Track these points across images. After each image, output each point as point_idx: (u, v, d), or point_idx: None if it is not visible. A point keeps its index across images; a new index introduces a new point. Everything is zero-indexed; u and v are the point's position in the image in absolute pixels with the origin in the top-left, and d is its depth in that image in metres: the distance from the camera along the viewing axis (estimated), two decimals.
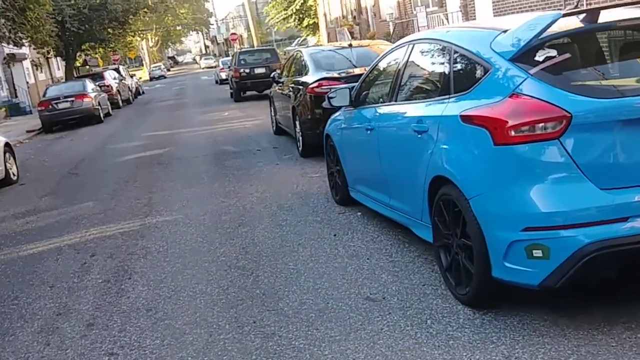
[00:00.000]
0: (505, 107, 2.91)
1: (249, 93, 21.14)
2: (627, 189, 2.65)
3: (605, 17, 3.02)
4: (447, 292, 3.57)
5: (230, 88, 22.36)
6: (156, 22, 67.67)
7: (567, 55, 2.89)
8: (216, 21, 61.01)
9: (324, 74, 8.26)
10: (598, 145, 2.68)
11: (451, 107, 3.39)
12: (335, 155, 5.75)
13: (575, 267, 2.61)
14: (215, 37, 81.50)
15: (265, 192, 6.98)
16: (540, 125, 2.74)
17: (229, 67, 25.07)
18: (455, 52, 3.56)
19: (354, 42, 9.23)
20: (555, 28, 2.92)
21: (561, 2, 11.61)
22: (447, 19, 14.73)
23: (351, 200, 5.63)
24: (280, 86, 10.29)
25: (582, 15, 3.00)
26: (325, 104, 5.62)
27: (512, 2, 13.34)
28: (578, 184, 2.67)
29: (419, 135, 3.70)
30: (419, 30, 15.76)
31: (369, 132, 4.59)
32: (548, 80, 2.81)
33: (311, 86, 8.21)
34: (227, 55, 50.22)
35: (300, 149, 8.92)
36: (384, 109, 4.41)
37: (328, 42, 28.79)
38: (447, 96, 3.52)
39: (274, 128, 11.59)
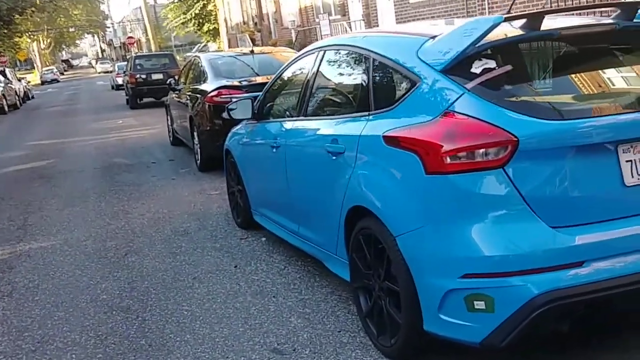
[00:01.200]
0: (438, 128, 2.45)
1: (145, 100, 20.02)
2: (582, 226, 2.26)
3: (551, 24, 2.64)
4: (368, 341, 3.07)
5: (126, 94, 21.08)
6: (47, 22, 63.76)
7: (509, 67, 2.47)
8: (112, 24, 58.20)
9: (224, 82, 7.62)
10: (548, 176, 2.27)
11: (372, 125, 2.91)
12: (236, 173, 5.14)
13: (524, 322, 2.18)
14: (112, 40, 78.03)
15: (159, 212, 6.23)
16: (481, 151, 2.29)
17: (124, 72, 23.69)
18: (375, 60, 3.08)
19: (256, 49, 8.66)
20: (495, 35, 2.50)
21: (463, 11, 11.66)
22: (350, 27, 14.51)
23: (254, 224, 5.05)
24: (178, 94, 9.52)
25: (524, 21, 2.59)
26: (224, 115, 5.01)
27: (415, 12, 13.31)
28: (526, 222, 2.24)
29: (334, 157, 3.19)
30: (322, 38, 15.44)
31: (274, 149, 4.03)
32: (488, 97, 2.37)
33: (210, 95, 7.55)
34: (124, 60, 47.99)
35: (198, 162, 8.21)
36: (292, 125, 3.87)
37: (229, 48, 28.00)
38: (367, 113, 3.04)
39: (171, 138, 10.77)
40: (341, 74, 3.60)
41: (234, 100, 4.66)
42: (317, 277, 4.02)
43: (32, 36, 64.61)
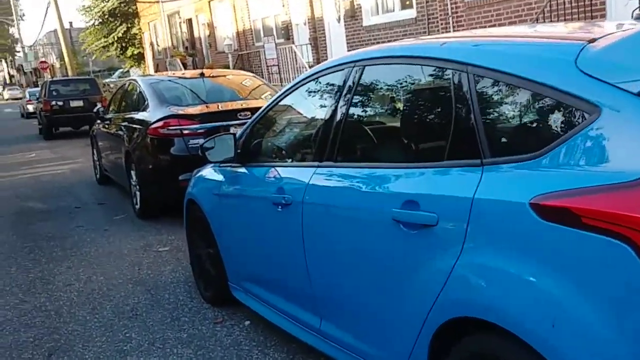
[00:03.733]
0: None
1: (63, 129, 18.05)
2: None
3: None
4: None
5: (39, 123, 19.00)
6: None
7: None
8: (23, 48, 54.58)
9: (172, 110, 6.23)
10: None
11: (494, 183, 1.74)
12: (206, 231, 3.78)
13: None
14: (22, 65, 73.53)
15: (92, 280, 4.74)
16: None
17: (37, 98, 21.51)
18: (480, 78, 1.90)
19: (206, 71, 7.34)
20: None
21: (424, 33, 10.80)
22: (297, 51, 13.43)
23: (230, 299, 3.71)
24: (107, 124, 8.00)
25: None
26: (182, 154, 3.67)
27: (369, 35, 12.39)
28: None
29: (413, 232, 1.96)
30: (266, 63, 14.25)
31: (280, 207, 2.74)
32: None
33: (154, 126, 6.14)
34: (36, 86, 44.75)
35: (137, 207, 6.72)
36: (314, 174, 2.59)
37: (156, 73, 26.25)
38: (476, 161, 1.84)
39: (98, 176, 9.17)
40: (407, 100, 2.37)
41: (210, 137, 3.31)
42: None
43: None
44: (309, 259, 2.52)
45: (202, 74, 7.15)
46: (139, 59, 32.38)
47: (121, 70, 43.90)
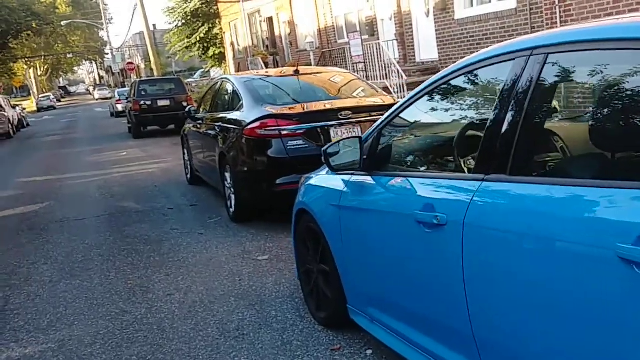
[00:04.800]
0: None
1: (150, 128, 18.41)
2: None
3: None
4: None
5: (129, 122, 19.48)
6: (45, 49, 62.56)
7: None
8: (111, 50, 56.86)
9: (269, 110, 5.94)
10: None
11: None
12: (321, 246, 3.42)
13: None
14: (111, 67, 76.79)
15: (192, 290, 4.50)
16: None
17: (126, 98, 22.14)
18: None
19: (301, 69, 7.01)
20: None
21: (526, 27, 10.07)
22: (384, 46, 12.93)
23: (347, 322, 3.32)
24: (199, 124, 7.85)
25: None
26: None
27: (462, 29, 11.74)
28: None
29: None
30: (351, 60, 13.85)
31: (429, 228, 2.30)
32: None
33: (250, 126, 5.87)
34: (123, 86, 46.45)
35: (231, 210, 6.49)
36: (485, 192, 2.08)
37: (237, 72, 26.47)
38: None
39: (189, 176, 9.07)
40: (620, 96, 1.85)
41: (335, 140, 2.93)
42: None
43: (28, 62, 63.36)
44: (470, 293, 2.08)
45: (296, 72, 6.83)
46: (220, 58, 32.84)
47: (202, 70, 44.87)
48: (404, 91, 11.43)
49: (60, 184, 10.55)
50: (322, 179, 3.47)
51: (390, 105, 6.14)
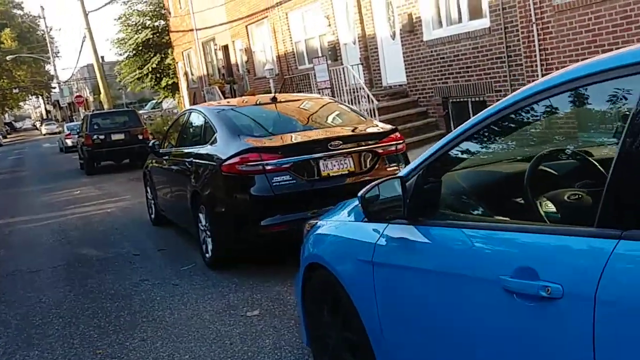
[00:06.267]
0: None
1: (104, 163, 17.46)
2: None
3: None
4: None
5: (80, 158, 18.45)
6: None
7: None
8: (59, 84, 55.15)
9: (249, 142, 5.32)
10: None
11: None
12: (343, 309, 2.79)
13: None
14: (58, 101, 74.65)
15: (176, 359, 3.79)
16: None
17: (77, 133, 21.09)
18: None
19: (279, 96, 6.43)
20: None
21: (501, 47, 9.78)
22: (352, 71, 12.49)
23: None
24: (165, 159, 7.14)
25: None
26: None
27: (431, 51, 11.42)
28: None
29: None
30: (316, 86, 13.38)
31: (531, 303, 1.71)
32: None
33: (229, 162, 5.23)
34: (72, 120, 44.84)
35: (207, 255, 5.80)
36: (625, 255, 1.50)
37: (192, 104, 25.68)
38: None
39: (153, 216, 8.31)
40: None
41: (373, 183, 2.31)
42: None
43: None
44: None
45: (274, 99, 6.25)
46: (174, 89, 32.00)
47: (154, 101, 43.77)
48: (375, 116, 10.97)
49: (10, 229, 9.58)
50: (341, 227, 2.87)
51: (388, 133, 5.62)
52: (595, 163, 2.37)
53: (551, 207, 2.20)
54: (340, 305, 2.82)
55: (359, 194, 2.34)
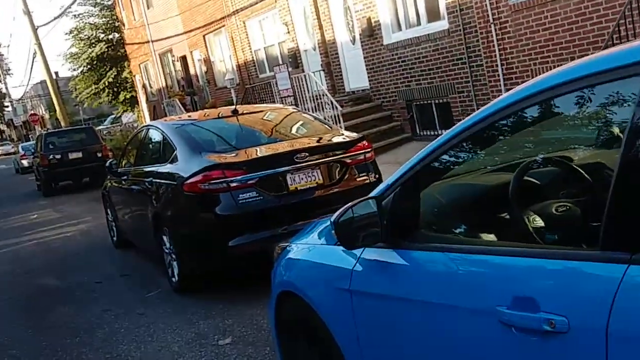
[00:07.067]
0: None
1: (62, 183, 16.89)
2: None
3: None
4: None
5: (37, 179, 17.81)
6: None
7: None
8: (11, 102, 53.56)
9: (211, 159, 5.07)
10: None
11: None
12: (323, 343, 2.57)
13: None
14: (12, 120, 72.69)
15: None
16: None
17: (32, 153, 20.40)
18: None
19: (240, 108, 6.19)
20: None
21: (461, 48, 9.75)
22: (314, 77, 12.32)
23: None
24: (124, 180, 6.82)
25: None
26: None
27: (392, 55, 11.34)
28: None
29: None
30: (279, 94, 13.17)
31: (534, 337, 1.52)
32: None
33: (190, 180, 4.97)
34: (28, 139, 43.60)
35: (174, 280, 5.52)
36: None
37: (153, 117, 25.17)
38: None
39: (114, 239, 7.96)
40: None
41: (346, 206, 2.11)
42: None
43: None
44: None
45: (235, 111, 6.02)
46: (132, 103, 31.34)
47: (112, 116, 42.84)
48: (339, 123, 10.82)
49: None
50: (314, 251, 2.67)
51: (355, 142, 5.44)
52: (578, 168, 2.23)
53: (539, 222, 2.04)
54: (317, 337, 2.61)
55: (331, 220, 2.14)
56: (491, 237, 2.11)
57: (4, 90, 68.93)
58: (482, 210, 2.20)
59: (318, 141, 5.41)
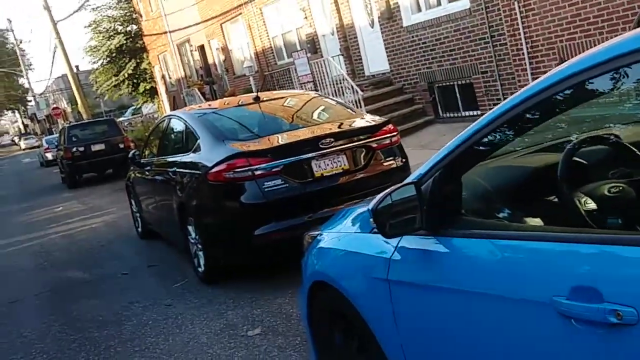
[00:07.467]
0: None
1: (86, 175, 17.02)
2: None
3: None
4: None
5: (61, 172, 17.96)
6: None
7: None
8: (34, 97, 54.19)
9: (235, 147, 4.98)
10: None
11: None
12: (356, 331, 2.48)
13: None
14: (35, 114, 73.54)
15: None
16: None
17: (56, 146, 20.58)
18: None
19: (261, 94, 6.08)
20: None
21: (484, 28, 9.51)
22: (333, 62, 12.14)
23: None
24: (148, 170, 6.78)
25: None
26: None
27: (412, 37, 11.12)
28: None
29: None
30: (298, 80, 13.04)
31: (596, 328, 1.41)
32: None
33: (215, 169, 4.89)
34: (51, 133, 44.08)
35: (200, 270, 5.46)
36: None
37: (173, 107, 25.22)
38: None
39: (139, 230, 7.95)
40: None
41: (384, 192, 1.99)
42: None
43: None
44: None
45: (257, 99, 5.91)
46: (152, 93, 31.42)
47: (133, 107, 43.06)
48: (361, 107, 10.67)
49: None
50: (347, 239, 2.56)
51: (381, 125, 5.30)
52: (631, 146, 2.09)
53: (591, 205, 1.91)
54: (353, 329, 2.51)
55: (369, 208, 2.03)
56: (538, 221, 1.98)
57: (26, 85, 69.69)
58: (527, 194, 2.07)
59: (342, 126, 5.28)
